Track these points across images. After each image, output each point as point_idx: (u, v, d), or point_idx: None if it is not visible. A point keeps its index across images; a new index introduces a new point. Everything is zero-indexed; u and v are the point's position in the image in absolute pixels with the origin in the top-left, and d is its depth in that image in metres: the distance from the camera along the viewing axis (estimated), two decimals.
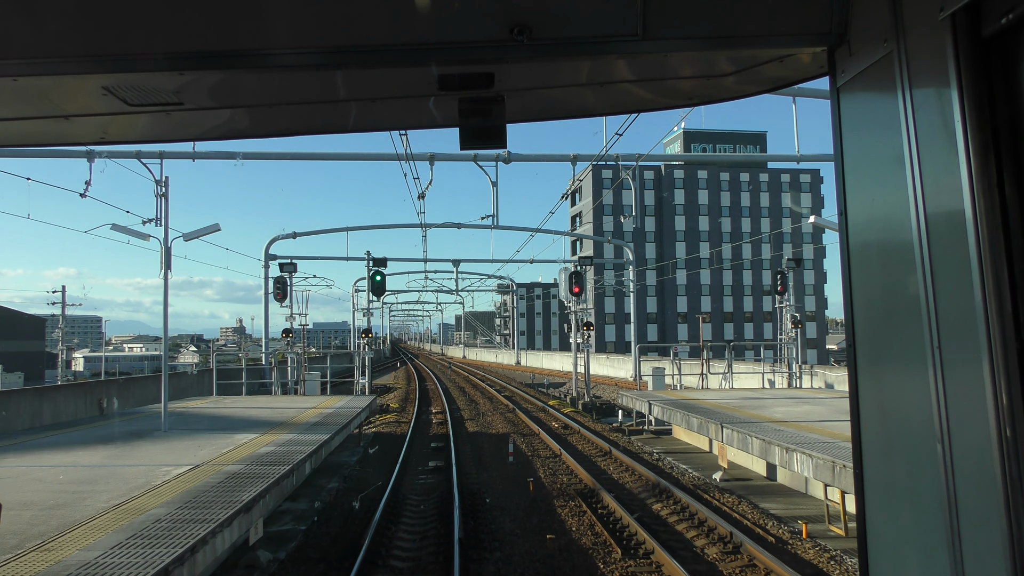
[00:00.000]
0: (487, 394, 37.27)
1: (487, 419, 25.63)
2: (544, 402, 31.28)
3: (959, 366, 1.87)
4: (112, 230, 13.07)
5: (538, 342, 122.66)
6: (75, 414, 22.92)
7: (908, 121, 2.06)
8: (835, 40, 2.47)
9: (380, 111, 3.40)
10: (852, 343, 2.45)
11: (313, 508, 12.53)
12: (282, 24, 2.57)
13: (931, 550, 2.00)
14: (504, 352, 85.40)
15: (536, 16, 2.50)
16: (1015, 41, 1.79)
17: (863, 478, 2.40)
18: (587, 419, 25.01)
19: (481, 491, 13.78)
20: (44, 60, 2.55)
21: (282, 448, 11.88)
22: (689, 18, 2.53)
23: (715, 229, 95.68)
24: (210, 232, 13.38)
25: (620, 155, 20.88)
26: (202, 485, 8.95)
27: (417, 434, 22.14)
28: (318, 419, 15.90)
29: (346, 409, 17.78)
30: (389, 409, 29.42)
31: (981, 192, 1.80)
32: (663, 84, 3.20)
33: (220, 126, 3.62)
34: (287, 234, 40.19)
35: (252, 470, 9.91)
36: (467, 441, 20.52)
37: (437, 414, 27.49)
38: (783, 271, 28.43)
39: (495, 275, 62.90)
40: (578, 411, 28.02)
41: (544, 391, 40.21)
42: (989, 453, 1.75)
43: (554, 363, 63.05)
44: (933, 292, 1.96)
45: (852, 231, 2.43)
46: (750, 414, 15.71)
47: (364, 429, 23.30)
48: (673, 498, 12.79)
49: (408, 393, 38.83)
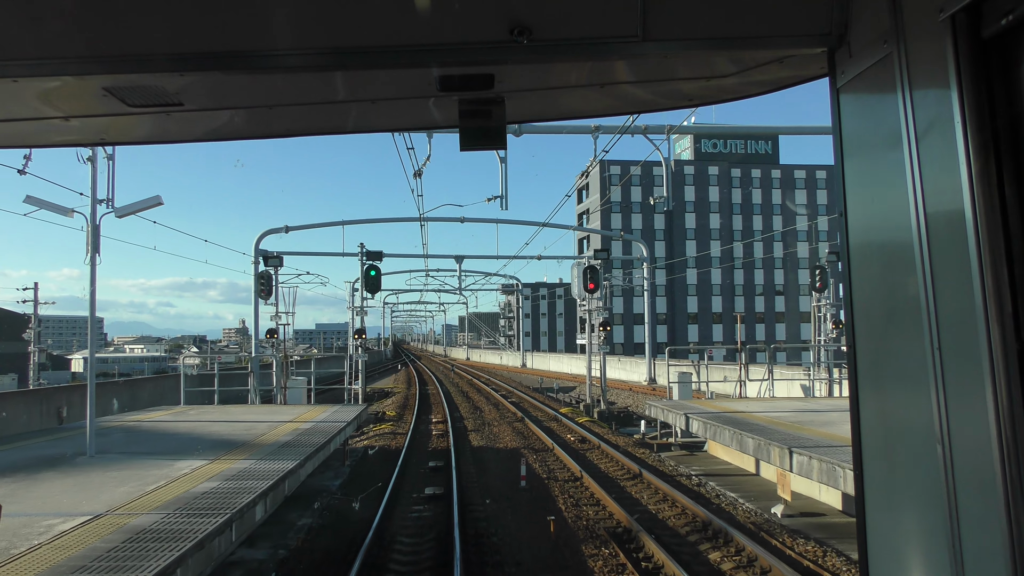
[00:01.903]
0: (492, 400, 34.44)
1: (493, 430, 22.83)
2: (555, 409, 28.45)
3: (959, 367, 1.87)
4: (25, 203, 10.36)
5: (543, 343, 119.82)
6: (27, 425, 20.18)
7: (908, 122, 2.06)
8: (835, 41, 2.48)
9: (380, 112, 3.38)
10: (852, 344, 2.45)
11: (275, 557, 9.74)
12: (282, 25, 2.56)
13: (931, 551, 1.99)
14: (509, 354, 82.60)
15: (536, 17, 2.49)
16: (1015, 42, 1.79)
17: (863, 479, 2.40)
18: (605, 430, 22.20)
19: (489, 533, 10.98)
20: (44, 61, 2.55)
21: (229, 484, 9.09)
22: (689, 19, 2.52)
23: (726, 227, 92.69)
24: (149, 207, 10.71)
25: (648, 126, 18.09)
26: (80, 556, 6.15)
27: (414, 449, 19.36)
28: (291, 437, 13.13)
29: (327, 424, 15.01)
30: (385, 417, 26.64)
31: (981, 193, 1.80)
32: (663, 85, 3.20)
33: (220, 127, 3.55)
34: (278, 228, 37.62)
35: (171, 524, 7.13)
36: (471, 459, 17.73)
37: (438, 423, 24.70)
38: (822, 266, 25.61)
39: (500, 273, 59.95)
40: (594, 420, 25.22)
41: (553, 396, 37.40)
42: (989, 454, 1.74)
43: (561, 365, 60.19)
44: (933, 293, 1.96)
45: (852, 232, 2.43)
46: (819, 433, 12.86)
47: (354, 442, 20.54)
48: (733, 544, 9.97)
49: (407, 398, 36.05)
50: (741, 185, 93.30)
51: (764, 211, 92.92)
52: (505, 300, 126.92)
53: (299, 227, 38.96)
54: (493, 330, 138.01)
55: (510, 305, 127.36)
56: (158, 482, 9.26)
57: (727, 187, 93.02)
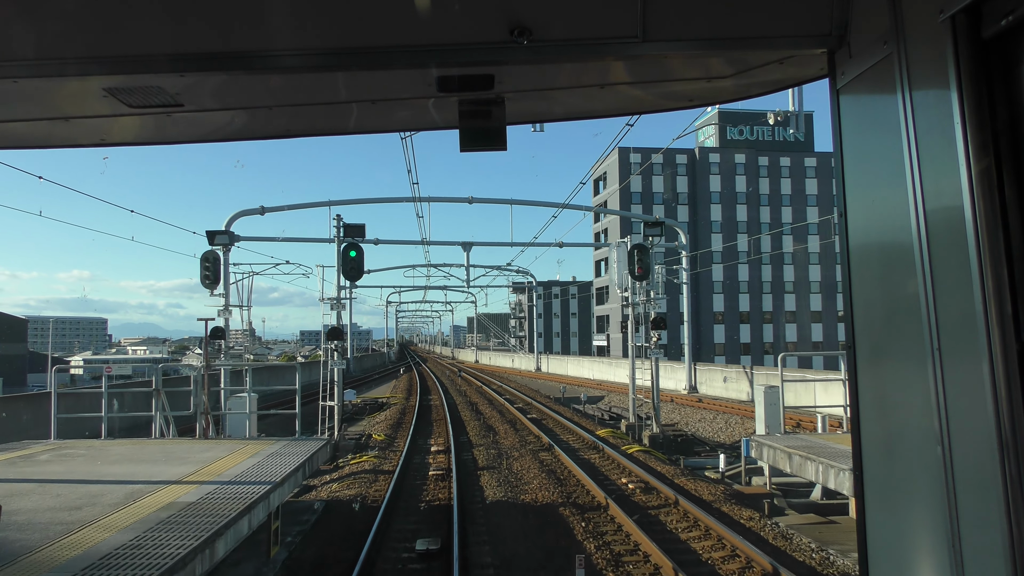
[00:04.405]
0: (507, 415, 28.11)
1: (513, 466, 16.57)
2: (589, 430, 22.13)
3: (959, 367, 1.86)
4: None
5: (556, 345, 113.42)
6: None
7: (908, 122, 2.05)
8: (835, 42, 2.47)
9: (380, 113, 3.38)
10: (852, 344, 2.45)
11: None
12: (283, 26, 2.57)
13: (931, 550, 1.99)
14: (521, 356, 76.24)
15: (536, 18, 2.49)
16: (1015, 43, 1.79)
17: (863, 478, 2.40)
18: (672, 470, 15.90)
19: None
20: (45, 62, 2.55)
21: None
22: (689, 20, 2.51)
23: (753, 219, 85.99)
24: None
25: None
26: None
27: (397, 507, 13.09)
28: (162, 517, 6.91)
29: (243, 488, 8.78)
30: (370, 444, 20.40)
31: (981, 193, 1.80)
32: (663, 86, 3.18)
33: (220, 128, 3.57)
34: (253, 209, 31.61)
35: None
36: (484, 529, 11.43)
37: (438, 455, 18.46)
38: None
39: (511, 268, 53.56)
40: (648, 449, 18.93)
41: (580, 409, 31.04)
42: (989, 454, 1.74)
43: (581, 370, 53.78)
44: (933, 293, 1.95)
45: (852, 232, 2.43)
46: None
47: (320, 488, 14.31)
48: None
49: (404, 412, 29.80)
50: (770, 174, 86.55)
51: (795, 202, 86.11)
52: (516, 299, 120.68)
53: (277, 208, 32.83)
54: (503, 331, 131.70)
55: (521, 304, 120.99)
56: None
57: (755, 176, 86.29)
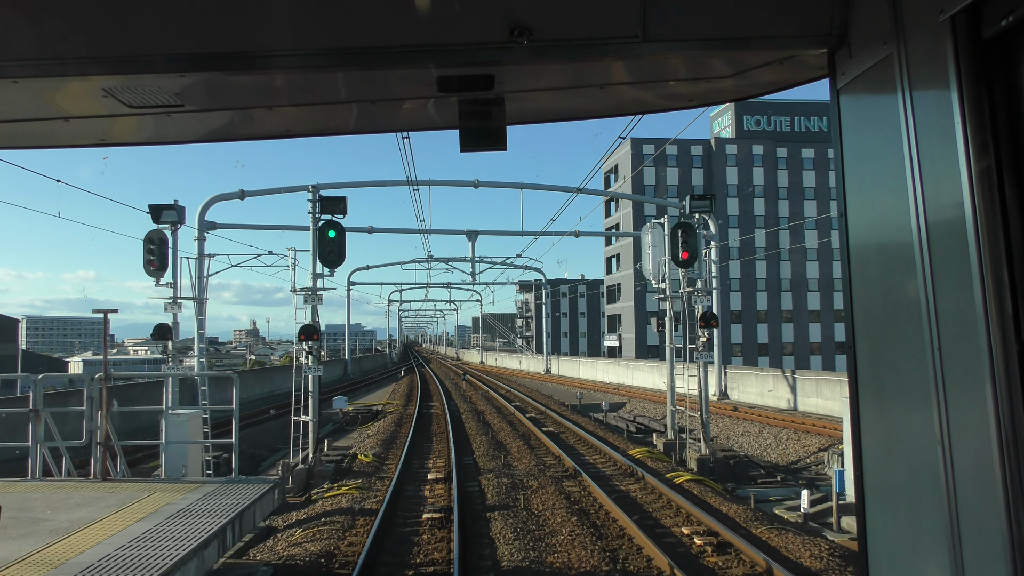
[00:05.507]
0: (520, 428, 24.30)
1: (533, 506, 12.77)
2: (619, 448, 18.32)
3: (959, 367, 1.85)
4: None
5: (564, 345, 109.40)
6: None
7: (908, 123, 2.04)
8: (835, 42, 2.47)
9: (380, 113, 3.38)
10: (852, 344, 2.44)
11: None
12: (282, 26, 2.55)
13: (931, 550, 1.97)
14: (529, 357, 72.37)
15: (536, 18, 2.49)
16: (1015, 43, 1.78)
17: (863, 478, 2.39)
18: (740, 510, 12.10)
19: None
20: (45, 62, 2.54)
21: None
22: (689, 20, 2.50)
23: (772, 214, 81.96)
24: None
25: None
26: None
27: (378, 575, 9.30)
28: None
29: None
30: (354, 469, 16.64)
31: (981, 193, 1.79)
32: (663, 86, 3.17)
33: (220, 128, 3.57)
34: (232, 193, 27.85)
35: None
36: None
37: (436, 485, 14.68)
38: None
39: (519, 264, 49.75)
40: (698, 477, 15.10)
41: (602, 420, 27.20)
42: (989, 454, 1.72)
43: (595, 373, 49.90)
44: (933, 293, 1.94)
45: (852, 232, 2.42)
46: None
47: (275, 535, 10.51)
48: None
49: (400, 423, 26.03)
50: (789, 167, 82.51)
51: (819, 195, 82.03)
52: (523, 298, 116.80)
53: (258, 192, 28.99)
54: (509, 331, 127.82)
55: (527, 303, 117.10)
56: None
57: (772, 168, 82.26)
